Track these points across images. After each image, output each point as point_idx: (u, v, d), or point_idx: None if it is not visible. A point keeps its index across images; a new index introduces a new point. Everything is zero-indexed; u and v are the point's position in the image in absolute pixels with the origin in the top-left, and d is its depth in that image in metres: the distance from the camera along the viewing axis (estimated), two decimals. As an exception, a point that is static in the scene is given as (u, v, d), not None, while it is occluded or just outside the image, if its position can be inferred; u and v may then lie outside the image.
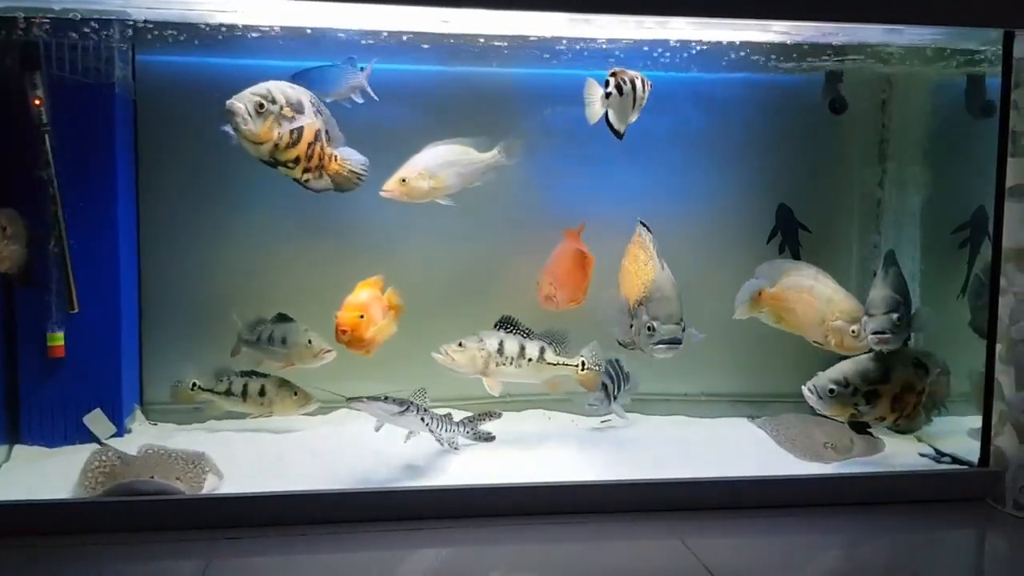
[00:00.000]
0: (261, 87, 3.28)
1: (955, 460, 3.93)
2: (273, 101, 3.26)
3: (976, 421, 3.81)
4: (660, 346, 3.60)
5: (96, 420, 3.93)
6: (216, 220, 4.27)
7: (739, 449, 4.04)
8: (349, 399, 3.52)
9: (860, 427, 3.85)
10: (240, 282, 4.29)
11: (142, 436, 3.99)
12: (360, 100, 3.89)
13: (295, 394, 4.11)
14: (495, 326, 3.91)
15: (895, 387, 3.70)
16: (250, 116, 3.19)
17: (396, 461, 3.75)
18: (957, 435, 4.17)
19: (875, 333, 3.70)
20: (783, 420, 4.28)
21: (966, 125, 4.38)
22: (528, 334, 3.92)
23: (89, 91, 3.83)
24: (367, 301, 3.76)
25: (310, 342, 4.02)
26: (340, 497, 3.37)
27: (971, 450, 3.84)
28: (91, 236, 3.89)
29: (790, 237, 4.55)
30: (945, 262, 4.48)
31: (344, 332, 3.70)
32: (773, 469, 3.79)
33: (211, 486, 3.47)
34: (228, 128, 3.24)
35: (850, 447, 3.99)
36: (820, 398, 3.72)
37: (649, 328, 3.60)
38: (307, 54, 3.98)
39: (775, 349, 4.51)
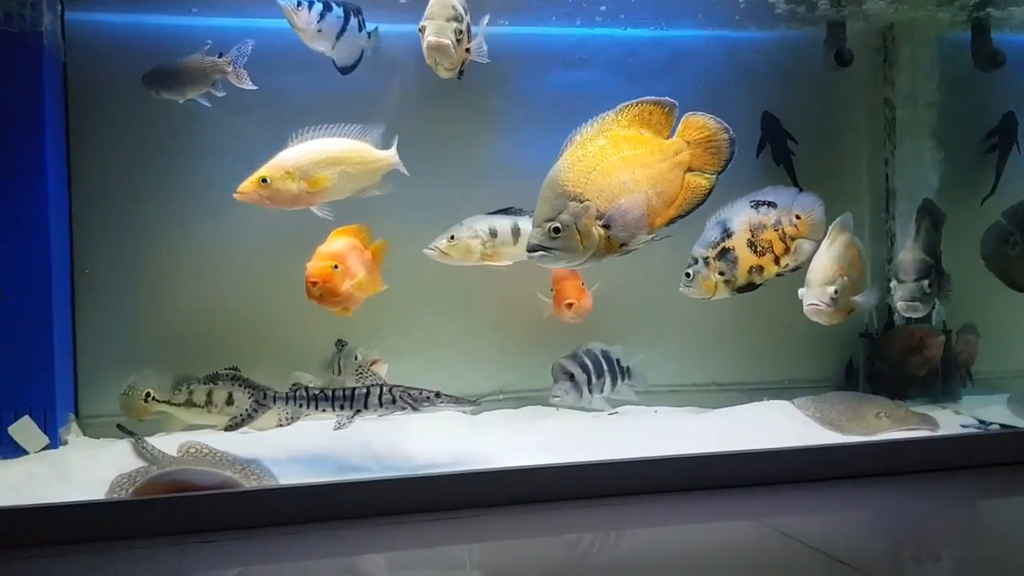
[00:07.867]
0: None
1: (1003, 427, 3.70)
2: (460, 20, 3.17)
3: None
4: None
5: (24, 429, 3.31)
6: (158, 201, 3.80)
7: (775, 429, 3.68)
8: None
9: (748, 288, 3.49)
10: (185, 266, 3.83)
11: (79, 449, 3.40)
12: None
13: None
14: None
15: (742, 235, 3.42)
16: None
17: (388, 460, 3.30)
18: (994, 406, 4.02)
19: (904, 301, 3.81)
20: (826, 399, 3.97)
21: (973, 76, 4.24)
22: None
23: (13, 40, 3.32)
24: (342, 250, 3.26)
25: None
26: (340, 488, 2.85)
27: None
28: (17, 211, 3.33)
29: (779, 148, 4.26)
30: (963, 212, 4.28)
31: (314, 284, 3.18)
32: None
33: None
34: None
35: (905, 418, 3.74)
36: (688, 287, 3.48)
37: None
38: (252, 10, 3.67)
39: (785, 336, 4.34)
